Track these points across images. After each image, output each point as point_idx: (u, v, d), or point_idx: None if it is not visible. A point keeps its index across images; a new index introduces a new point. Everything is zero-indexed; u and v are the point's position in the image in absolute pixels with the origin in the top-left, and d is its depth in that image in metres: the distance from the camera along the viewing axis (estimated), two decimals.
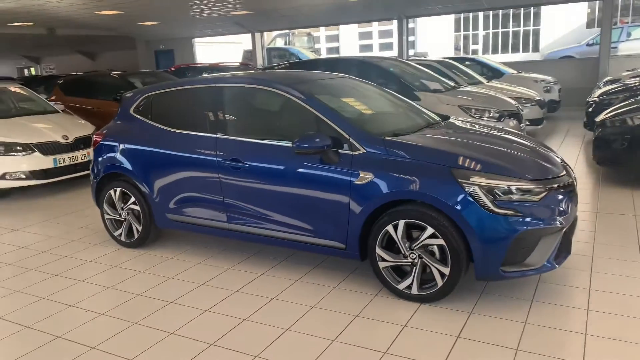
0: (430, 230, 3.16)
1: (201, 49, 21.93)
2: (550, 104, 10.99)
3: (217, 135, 3.99)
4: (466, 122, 4.32)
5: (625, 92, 8.38)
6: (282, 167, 3.67)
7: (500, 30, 38.17)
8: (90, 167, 4.91)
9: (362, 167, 3.36)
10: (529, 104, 8.82)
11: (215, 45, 24.77)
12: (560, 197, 3.24)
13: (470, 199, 3.04)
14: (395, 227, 3.27)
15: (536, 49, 32.47)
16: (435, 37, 35.26)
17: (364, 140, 3.42)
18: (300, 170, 3.58)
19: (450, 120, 4.23)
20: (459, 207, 3.05)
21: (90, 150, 6.14)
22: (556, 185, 3.25)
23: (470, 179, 3.08)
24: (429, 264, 3.23)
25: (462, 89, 7.67)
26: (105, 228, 4.79)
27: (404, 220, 3.24)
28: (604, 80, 11.22)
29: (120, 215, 4.63)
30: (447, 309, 3.24)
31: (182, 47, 20.51)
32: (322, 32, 48.09)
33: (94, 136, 4.89)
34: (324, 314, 3.26)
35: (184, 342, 3.03)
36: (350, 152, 3.43)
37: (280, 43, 24.41)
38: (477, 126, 4.16)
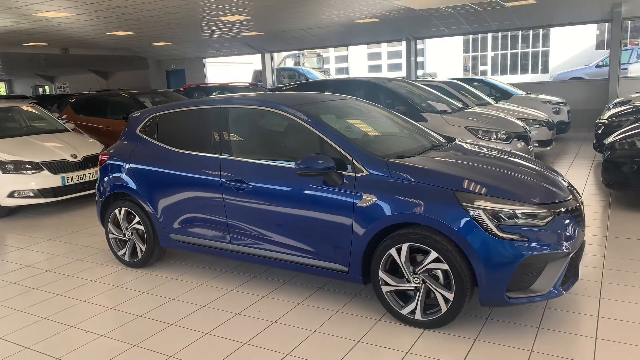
0: (434, 255, 3.12)
1: (212, 69, 22.22)
2: (560, 125, 10.93)
3: (222, 156, 3.99)
4: (472, 144, 4.29)
5: (635, 114, 8.31)
6: (285, 189, 3.65)
7: (509, 51, 38.27)
8: (96, 186, 4.94)
9: (365, 189, 3.33)
10: (538, 126, 8.78)
11: (226, 65, 25.06)
12: (567, 221, 3.18)
13: (475, 223, 3.00)
14: (399, 251, 3.23)
15: (545, 70, 32.43)
16: (444, 57, 35.45)
17: (367, 162, 3.41)
18: (303, 191, 3.56)
19: (456, 142, 4.21)
20: (462, 231, 3.00)
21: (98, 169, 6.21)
22: (562, 210, 3.20)
23: (475, 203, 3.04)
24: (432, 289, 3.18)
25: (469, 110, 7.66)
26: (110, 247, 4.79)
27: (408, 244, 3.20)
28: (614, 101, 11.16)
29: (124, 234, 4.63)
30: (452, 335, 3.17)
31: (193, 66, 20.77)
32: (331, 53, 48.52)
33: (101, 155, 4.92)
34: (325, 339, 3.21)
35: None
36: (353, 174, 3.41)
37: (290, 63, 24.65)
38: (483, 148, 4.13)
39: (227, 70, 25.09)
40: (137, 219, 4.51)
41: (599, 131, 8.55)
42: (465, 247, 3.02)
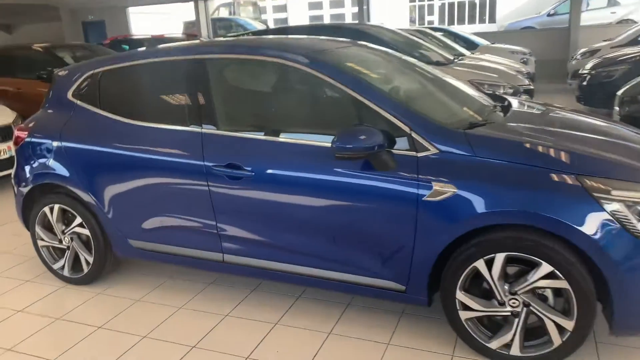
0: (546, 268, 2.16)
1: (136, 20, 19.86)
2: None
3: (203, 130, 2.78)
4: (532, 104, 3.32)
5: (624, 65, 7.73)
6: (307, 176, 2.53)
7: (456, 0, 37.18)
8: (12, 174, 3.54)
9: (435, 174, 2.29)
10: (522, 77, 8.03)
11: (149, 15, 22.60)
12: None
13: (613, 221, 2.05)
14: (489, 263, 2.25)
15: (492, 20, 31.87)
16: (389, 7, 33.92)
17: (436, 134, 2.34)
18: (334, 179, 2.46)
19: (513, 103, 3.19)
20: (596, 234, 2.05)
21: (11, 145, 4.73)
22: None
23: (612, 193, 2.08)
24: (540, 315, 2.24)
25: (465, 61, 6.71)
26: (40, 258, 3.47)
27: (504, 254, 2.21)
28: (580, 51, 10.72)
29: (61, 241, 3.33)
30: None
31: (114, 17, 18.41)
32: (268, 2, 45.26)
33: (16, 130, 3.51)
34: None
35: None
36: (413, 153, 2.34)
37: (224, 13, 22.58)
38: (553, 109, 3.16)
39: (153, 22, 22.66)
40: (78, 219, 3.22)
41: (584, 83, 8.00)
42: (599, 257, 2.08)
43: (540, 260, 2.16)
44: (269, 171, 2.59)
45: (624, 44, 9.64)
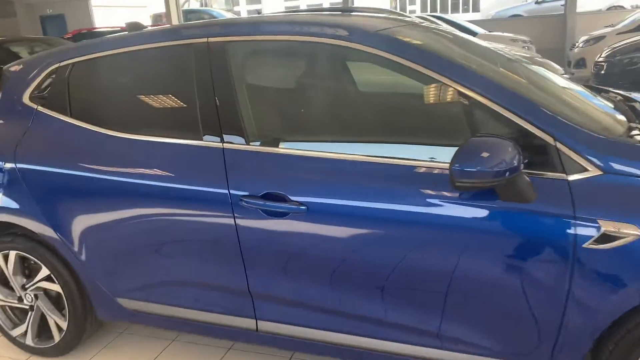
0: None
1: (99, 14, 18.61)
2: None
3: (225, 144, 1.92)
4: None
5: None
6: (388, 208, 1.70)
7: None
8: None
9: (602, 209, 1.50)
10: None
11: (115, 9, 21.29)
12: None
13: None
14: None
15: (476, 8, 31.34)
16: None
17: (595, 147, 1.56)
18: (431, 213, 1.65)
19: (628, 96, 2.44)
20: None
21: None
22: None
23: None
24: None
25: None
26: None
27: None
28: (583, 39, 10.16)
29: (21, 299, 2.43)
30: None
31: (75, 11, 17.15)
32: None
33: None
34: None
35: None
36: (561, 176, 1.55)
37: (195, 5, 21.44)
38: None
39: (117, 15, 21.35)
40: (44, 270, 2.32)
41: (602, 71, 7.46)
42: None
43: None
44: (331, 202, 1.76)
45: (631, 30, 9.13)
